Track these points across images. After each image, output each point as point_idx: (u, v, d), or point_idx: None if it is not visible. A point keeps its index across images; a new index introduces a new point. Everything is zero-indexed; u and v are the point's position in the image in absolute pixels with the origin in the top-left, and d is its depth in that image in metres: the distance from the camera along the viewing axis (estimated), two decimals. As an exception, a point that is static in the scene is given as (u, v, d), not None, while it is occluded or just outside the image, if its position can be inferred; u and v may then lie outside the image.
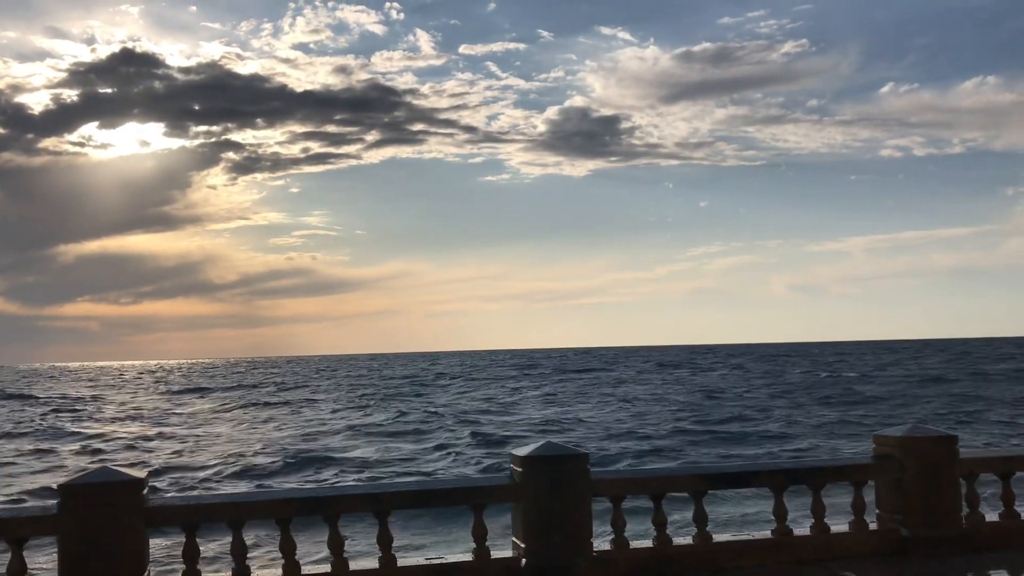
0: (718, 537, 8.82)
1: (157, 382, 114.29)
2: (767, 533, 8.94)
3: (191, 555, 7.54)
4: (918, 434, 9.08)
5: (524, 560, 7.98)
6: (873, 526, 9.14)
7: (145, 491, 7.44)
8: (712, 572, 8.33)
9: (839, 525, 9.15)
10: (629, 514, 8.59)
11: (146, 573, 7.31)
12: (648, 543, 8.55)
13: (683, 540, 8.69)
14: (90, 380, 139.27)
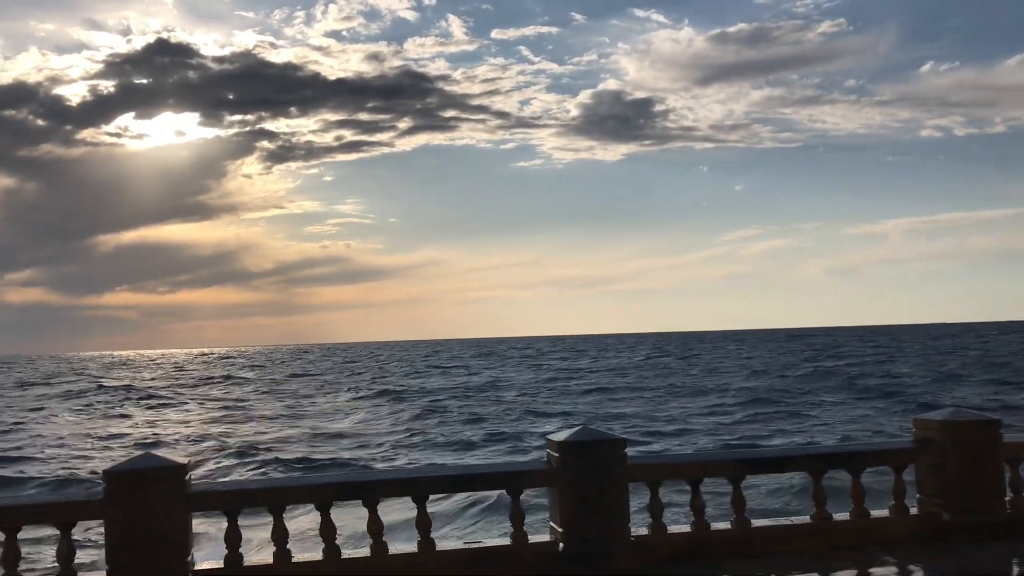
0: (757, 522, 8.78)
1: (227, 377, 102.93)
2: (806, 518, 8.89)
3: (233, 539, 7.66)
4: (960, 418, 8.96)
5: (562, 544, 8.01)
6: (914, 511, 9.05)
7: (187, 476, 7.56)
8: (750, 557, 8.30)
9: (879, 510, 9.08)
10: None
11: (190, 557, 7.44)
12: (686, 528, 8.54)
13: (721, 525, 8.67)
14: (162, 371, 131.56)
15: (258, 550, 9.11)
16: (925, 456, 9.01)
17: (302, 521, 14.39)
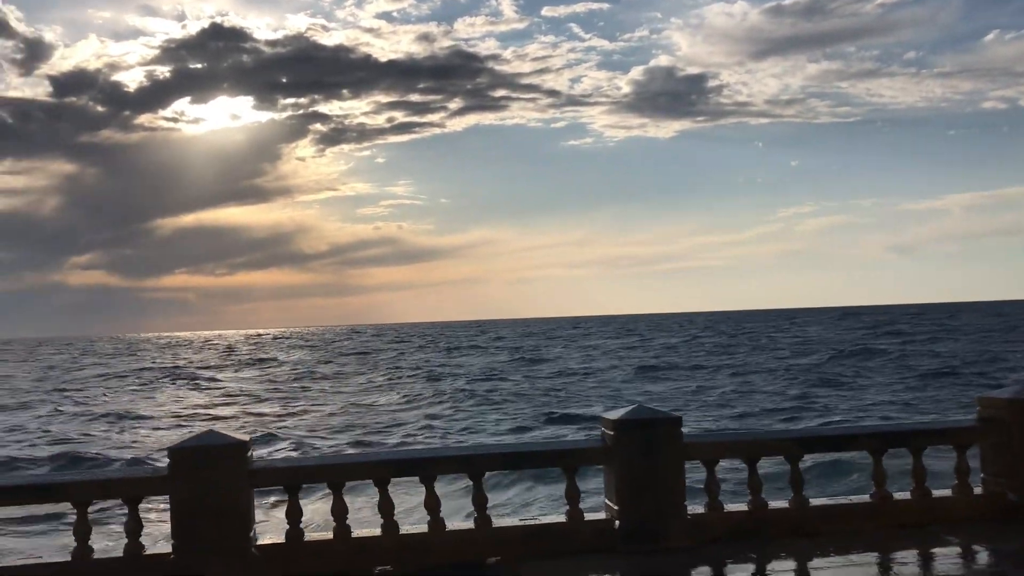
0: (815, 501, 8.69)
1: (261, 360, 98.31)
2: (866, 497, 8.77)
3: (294, 515, 7.80)
4: (1026, 396, 8.73)
5: (618, 522, 8.01)
6: (978, 491, 8.88)
7: (249, 453, 7.71)
8: (809, 536, 8.22)
9: (941, 490, 8.92)
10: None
11: (252, 532, 7.60)
12: (743, 506, 8.48)
13: (779, 504, 8.60)
14: (212, 352, 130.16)
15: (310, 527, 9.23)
16: (990, 435, 8.82)
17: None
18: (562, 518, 8.23)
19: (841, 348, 71.06)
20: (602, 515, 8.28)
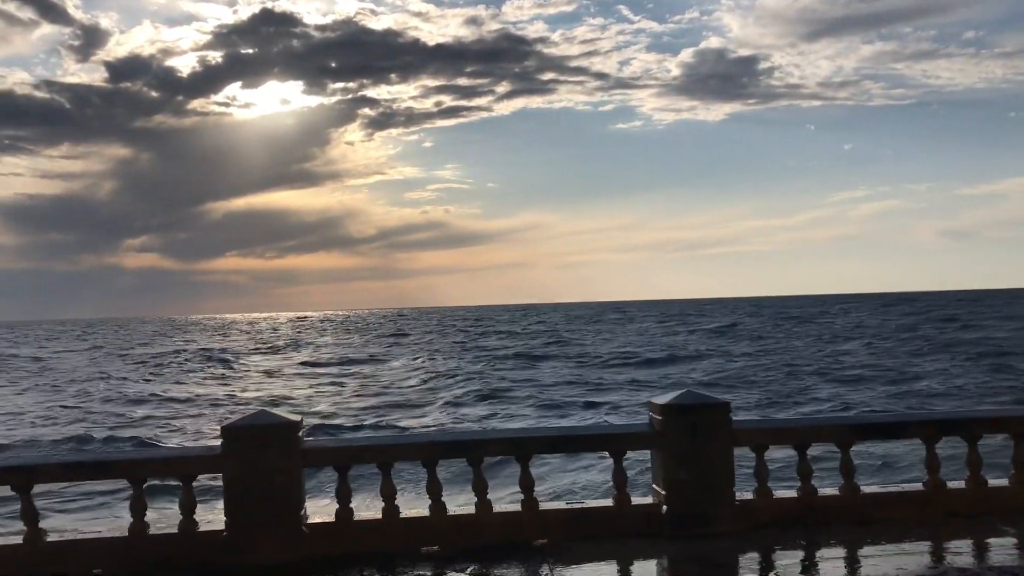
0: (866, 488, 8.59)
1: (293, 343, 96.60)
2: (918, 485, 8.64)
3: (344, 494, 7.90)
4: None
5: (665, 507, 7.99)
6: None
7: (300, 433, 7.82)
8: (860, 523, 8.12)
9: (997, 479, 8.75)
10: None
11: (302, 510, 7.72)
12: (792, 493, 8.41)
13: (829, 491, 8.50)
14: (249, 336, 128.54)
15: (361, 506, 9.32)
16: (1048, 424, 8.62)
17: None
18: (609, 502, 8.23)
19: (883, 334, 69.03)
20: (649, 500, 8.26)
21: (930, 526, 8.04)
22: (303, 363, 62.35)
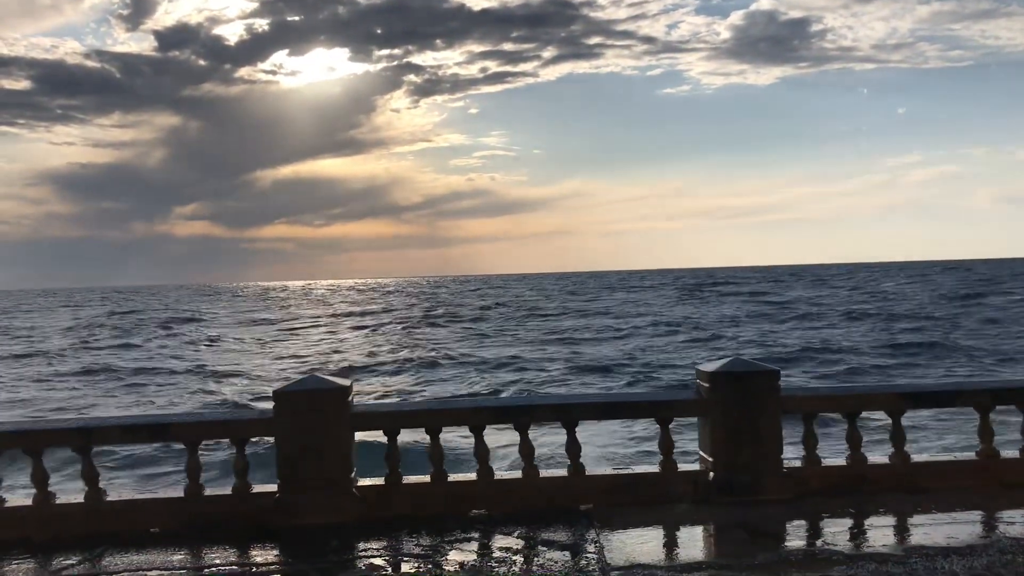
0: (916, 457, 8.49)
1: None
2: (971, 455, 8.53)
3: (393, 457, 8.02)
4: None
5: (712, 474, 7.99)
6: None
7: (351, 398, 7.94)
8: (910, 492, 8.05)
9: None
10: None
11: (352, 473, 7.85)
12: (841, 461, 8.35)
13: (879, 459, 8.43)
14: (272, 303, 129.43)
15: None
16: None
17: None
18: (655, 468, 8.25)
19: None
20: (696, 467, 8.27)
21: (982, 496, 7.94)
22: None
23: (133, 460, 18.36)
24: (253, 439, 8.33)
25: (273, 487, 7.82)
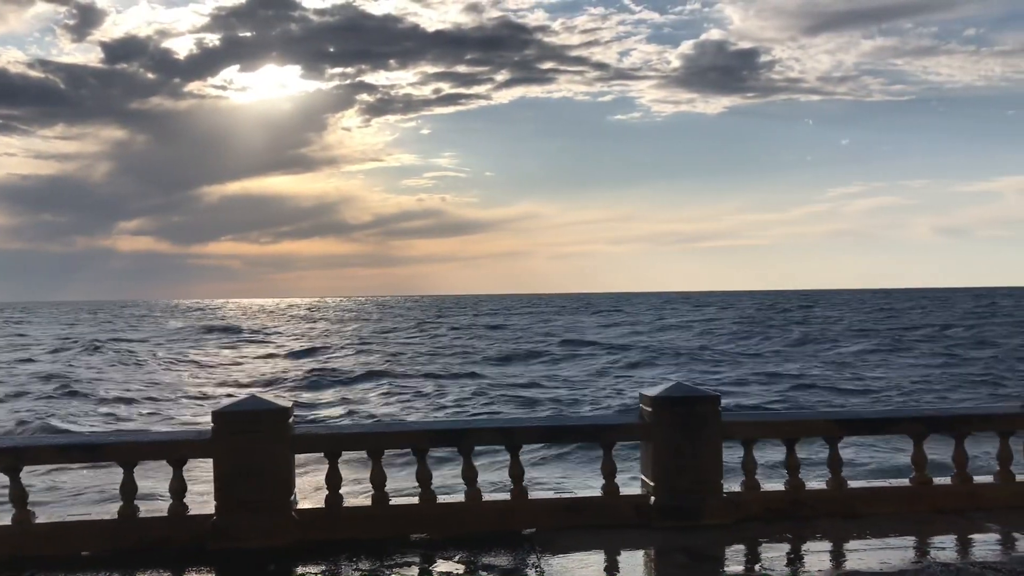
0: (853, 483, 8.64)
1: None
2: (905, 481, 8.70)
3: (334, 481, 7.93)
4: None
5: (653, 498, 8.04)
6: (1021, 478, 8.76)
7: (291, 419, 7.83)
8: (846, 517, 8.19)
9: (982, 476, 8.83)
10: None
11: (292, 496, 7.74)
12: (780, 486, 8.46)
13: (817, 485, 8.56)
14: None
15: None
16: (1035, 422, 8.69)
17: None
18: (598, 492, 8.27)
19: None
20: (639, 491, 8.31)
21: (916, 522, 8.10)
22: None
23: (66, 481, 17.87)
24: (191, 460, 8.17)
25: (211, 509, 7.67)
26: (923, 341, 58.15)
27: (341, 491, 7.96)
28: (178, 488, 7.75)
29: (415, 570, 7.00)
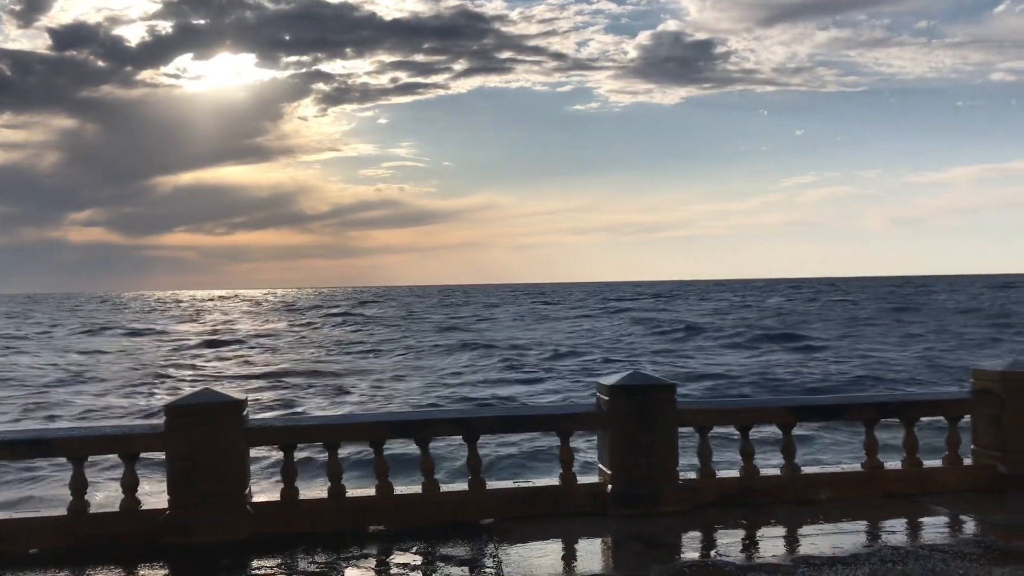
0: (807, 469, 8.78)
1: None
2: (857, 466, 8.85)
3: (289, 474, 7.86)
4: (1020, 368, 8.79)
5: (610, 486, 8.08)
6: (968, 462, 8.96)
7: (245, 412, 7.75)
8: (800, 503, 8.31)
9: (932, 460, 9.01)
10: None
11: (247, 490, 7.66)
12: (735, 473, 8.56)
13: (771, 471, 8.67)
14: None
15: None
16: (982, 407, 8.89)
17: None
18: (555, 481, 8.30)
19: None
20: (595, 479, 8.35)
21: (867, 507, 8.25)
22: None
23: (14, 476, 17.50)
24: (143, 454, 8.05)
25: (164, 504, 7.57)
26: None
27: (296, 484, 7.90)
28: (130, 482, 7.63)
29: (372, 562, 6.98)
